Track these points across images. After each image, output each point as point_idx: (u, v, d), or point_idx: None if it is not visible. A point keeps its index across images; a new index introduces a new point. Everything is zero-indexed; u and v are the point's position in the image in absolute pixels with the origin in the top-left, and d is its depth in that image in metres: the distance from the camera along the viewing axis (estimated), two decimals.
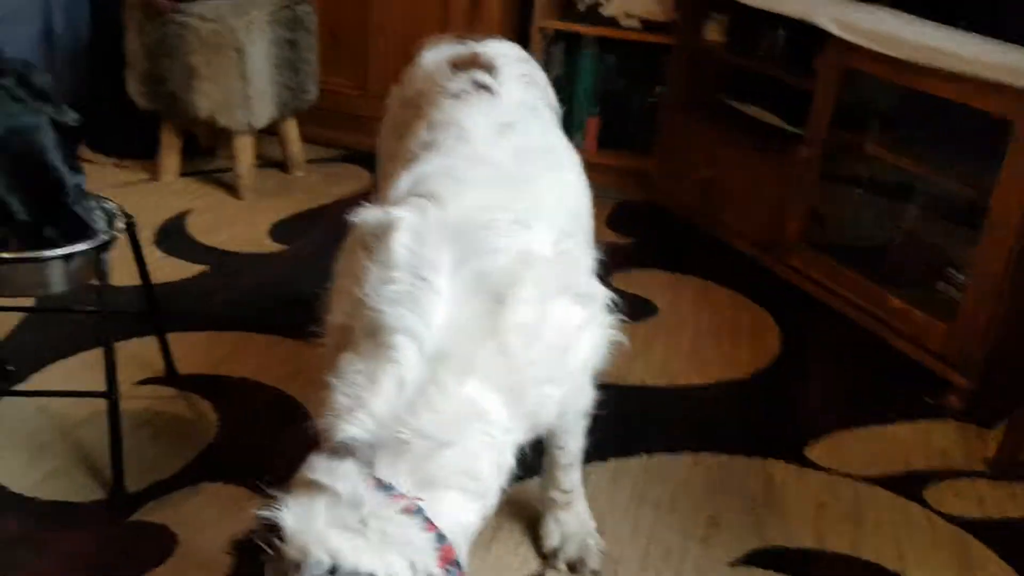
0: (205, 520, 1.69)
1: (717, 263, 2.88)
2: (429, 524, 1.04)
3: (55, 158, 1.54)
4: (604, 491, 1.86)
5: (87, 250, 1.61)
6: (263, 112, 2.93)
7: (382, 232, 1.23)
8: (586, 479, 1.74)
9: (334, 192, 3.19)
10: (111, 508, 1.69)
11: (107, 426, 1.72)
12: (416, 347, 1.12)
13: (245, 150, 2.99)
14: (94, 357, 2.11)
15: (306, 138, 3.31)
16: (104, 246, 1.64)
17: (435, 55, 1.66)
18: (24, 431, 1.85)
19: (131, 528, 1.65)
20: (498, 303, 1.16)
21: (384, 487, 1.03)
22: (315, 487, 1.04)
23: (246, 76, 2.81)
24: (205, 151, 3.31)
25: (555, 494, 1.66)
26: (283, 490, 1.13)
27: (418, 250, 1.20)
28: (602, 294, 1.33)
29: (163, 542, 1.63)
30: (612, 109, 3.36)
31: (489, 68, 1.58)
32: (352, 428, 1.07)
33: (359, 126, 3.49)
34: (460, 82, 1.53)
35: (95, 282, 1.67)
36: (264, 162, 3.20)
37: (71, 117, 1.58)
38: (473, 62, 1.60)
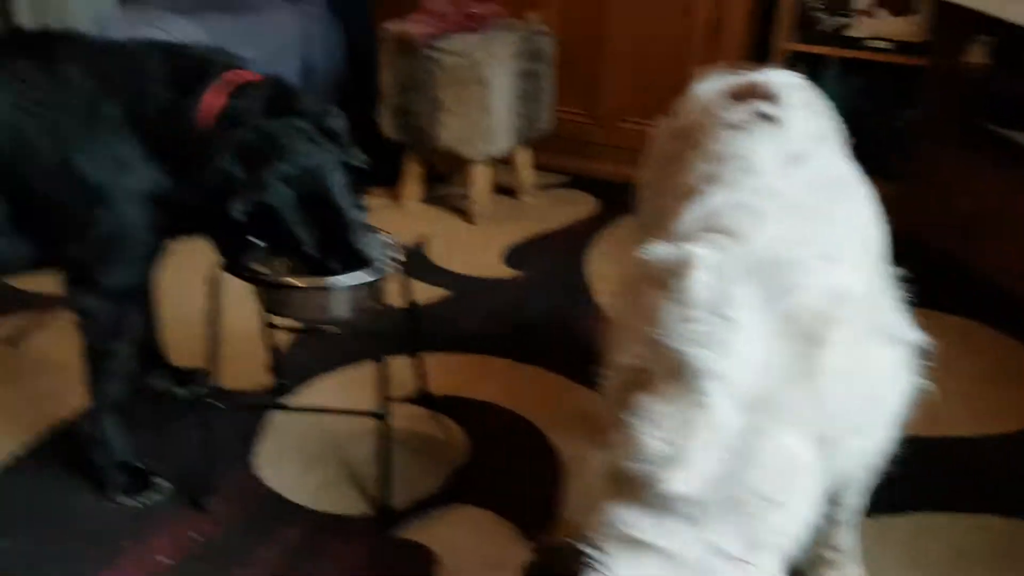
0: (463, 544, 1.73)
1: (980, 301, 2.63)
2: None
3: (342, 197, 1.62)
4: (870, 551, 1.71)
5: (369, 280, 1.70)
6: (501, 142, 3.01)
7: (678, 269, 1.19)
8: None
9: (563, 217, 3.22)
10: (379, 523, 1.77)
11: (376, 444, 1.80)
12: (727, 392, 1.06)
13: (481, 178, 3.08)
14: (358, 374, 2.23)
15: (535, 164, 3.37)
16: (383, 277, 1.73)
17: (710, 85, 1.62)
18: (298, 442, 1.98)
19: (397, 545, 1.72)
20: (811, 345, 1.09)
21: (719, 551, 0.98)
22: (640, 545, 1.00)
23: (488, 108, 2.90)
24: (440, 177, 3.44)
25: (826, 552, 1.54)
26: (566, 535, 1.12)
27: (719, 288, 1.15)
28: (913, 336, 1.22)
29: (426, 563, 1.68)
30: (857, 133, 3.15)
31: (771, 97, 1.51)
32: (676, 481, 1.02)
33: (588, 152, 3.52)
34: (741, 112, 1.48)
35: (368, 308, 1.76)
36: (495, 188, 3.28)
37: (359, 159, 1.68)
38: (752, 92, 1.54)
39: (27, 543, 1.68)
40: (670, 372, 1.11)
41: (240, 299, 1.76)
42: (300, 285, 1.68)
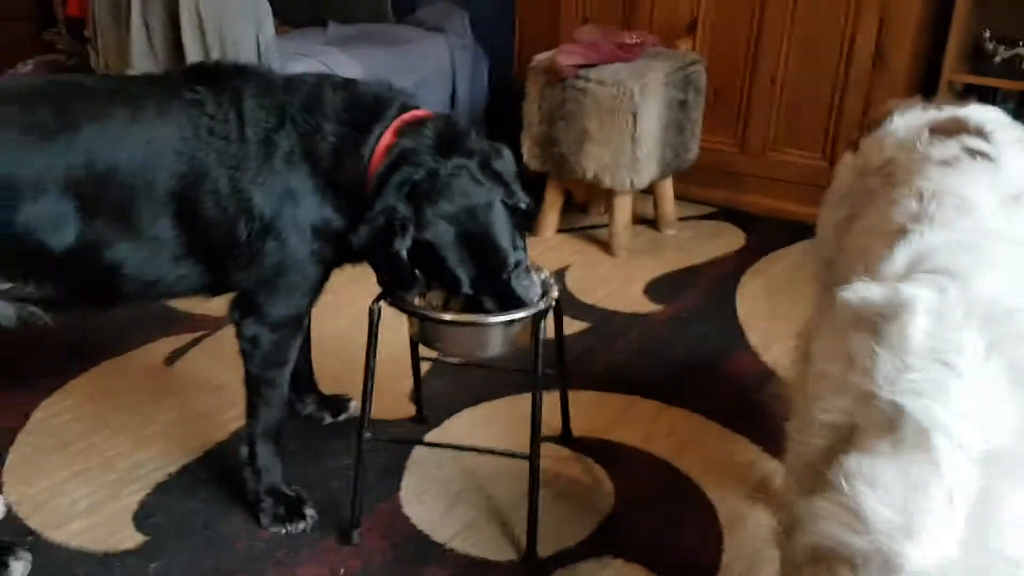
0: None
1: None
2: None
3: (502, 237, 1.59)
4: None
5: (525, 318, 1.65)
6: (647, 173, 2.92)
7: (892, 312, 1.09)
8: None
9: (707, 251, 3.09)
10: (523, 572, 1.69)
11: (523, 487, 1.73)
12: (959, 448, 0.95)
13: (623, 209, 3.00)
14: (501, 408, 2.18)
15: (678, 195, 3.26)
16: (539, 315, 1.67)
17: (908, 120, 1.48)
18: (441, 478, 1.94)
19: None
20: None
21: None
22: None
23: (636, 138, 2.82)
24: (578, 207, 3.38)
25: None
26: None
27: (940, 333, 1.04)
28: None
29: None
30: None
31: (979, 133, 1.37)
32: (914, 553, 0.90)
33: (734, 183, 3.38)
34: (949, 148, 1.35)
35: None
36: (635, 219, 3.19)
37: (521, 200, 1.64)
38: (957, 127, 1.40)
39: (178, 565, 1.70)
40: (886, 428, 1.00)
41: (385, 326, 1.74)
42: (456, 320, 1.64)
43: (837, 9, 3.05)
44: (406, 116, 1.63)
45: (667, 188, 3.17)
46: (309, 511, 1.79)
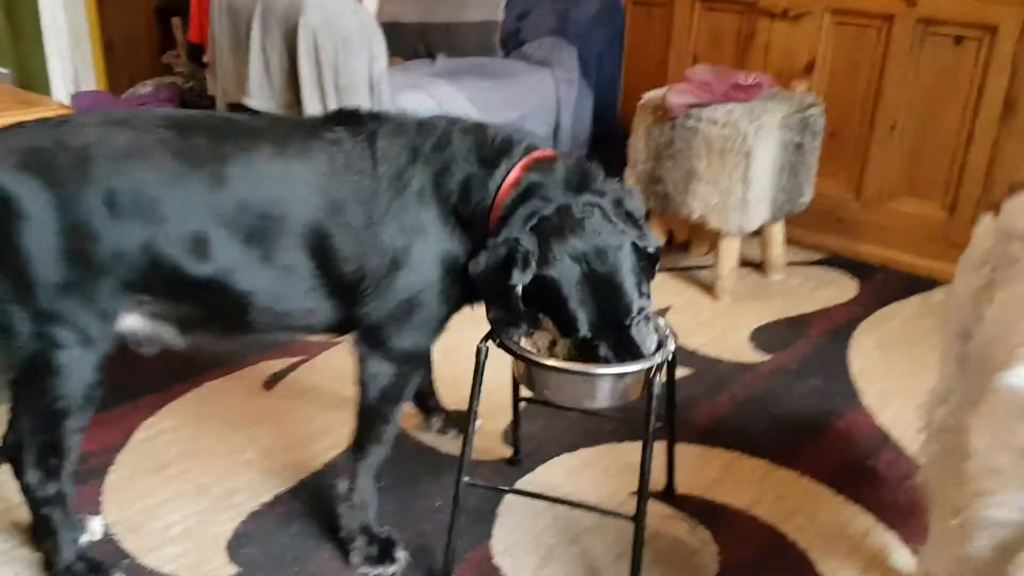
0: None
1: None
2: None
3: (628, 281, 1.53)
4: None
5: (639, 371, 1.57)
6: (758, 216, 2.81)
7: None
8: None
9: (817, 299, 2.95)
10: None
11: (626, 547, 1.64)
12: None
13: (730, 252, 2.89)
14: (596, 456, 2.10)
15: (788, 239, 3.13)
16: (655, 368, 1.59)
17: None
18: (534, 529, 1.86)
19: None
20: None
21: None
22: None
23: (748, 180, 2.72)
24: (680, 247, 3.29)
25: None
26: None
27: None
28: None
29: None
30: None
31: None
32: None
33: (847, 231, 3.23)
34: None
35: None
36: (740, 261, 3.07)
37: (652, 244, 1.58)
38: None
39: None
40: None
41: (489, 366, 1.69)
42: (567, 369, 1.57)
43: (966, 56, 2.90)
44: (536, 154, 1.60)
45: (778, 232, 3.05)
46: (400, 554, 1.74)
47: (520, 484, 1.99)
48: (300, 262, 1.57)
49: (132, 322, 1.59)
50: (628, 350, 1.54)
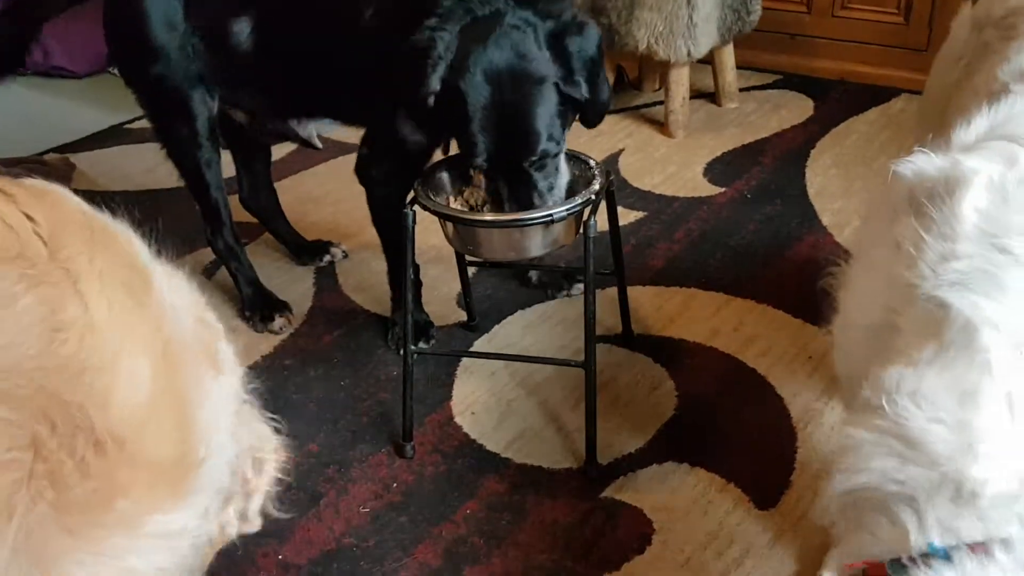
0: (678, 509, 1.55)
1: None
2: None
3: (537, 119, 1.44)
4: None
5: (567, 213, 1.50)
6: (705, 40, 2.66)
7: (946, 190, 0.92)
8: None
9: (772, 124, 2.85)
10: (584, 480, 1.61)
11: (579, 394, 1.63)
12: (1014, 349, 0.82)
13: (680, 83, 2.76)
14: (551, 309, 2.07)
15: (739, 63, 2.99)
16: (584, 208, 1.52)
17: None
18: (493, 386, 1.85)
19: (605, 505, 1.56)
20: None
21: None
22: None
23: (693, 1, 2.56)
24: (632, 85, 3.15)
25: None
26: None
27: (998, 214, 0.88)
28: None
29: (640, 528, 1.51)
30: None
31: None
32: (1000, 475, 0.78)
33: (800, 47, 3.10)
34: None
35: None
36: (692, 93, 2.95)
37: (580, 92, 1.48)
38: None
39: None
40: (928, 328, 0.87)
41: (428, 229, 1.62)
42: (485, 221, 1.50)
43: None
44: None
45: (727, 56, 2.91)
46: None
47: (477, 344, 1.97)
48: None
49: None
50: (523, 192, 1.47)
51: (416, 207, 1.58)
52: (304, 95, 1.83)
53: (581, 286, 2.00)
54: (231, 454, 0.81)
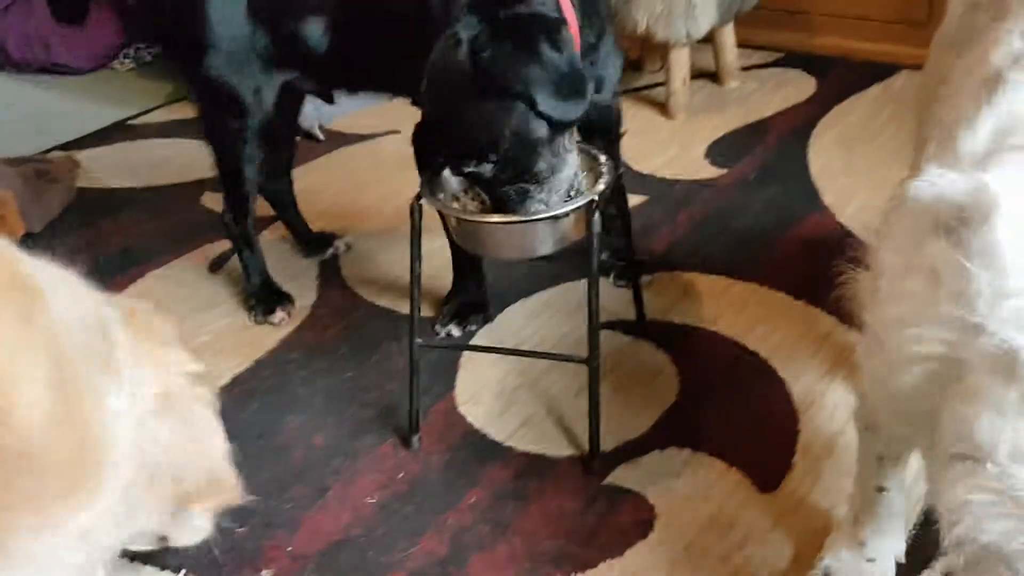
0: (680, 494, 1.56)
1: None
2: None
3: (547, 101, 1.43)
4: None
5: (576, 209, 1.51)
6: (705, 19, 2.65)
7: (979, 215, 0.89)
8: None
9: (774, 103, 2.84)
10: (586, 468, 1.63)
11: (582, 384, 1.64)
12: None
13: (680, 64, 2.75)
14: (554, 297, 2.08)
15: (740, 41, 2.97)
16: (593, 203, 1.52)
17: None
18: (495, 375, 1.86)
19: (608, 491, 1.58)
20: None
21: None
22: None
23: None
24: (632, 66, 3.13)
25: None
26: None
27: None
28: None
29: (641, 514, 1.53)
30: None
31: None
32: None
33: (801, 24, 3.07)
34: None
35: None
36: (693, 73, 2.93)
37: (572, 113, 1.48)
38: None
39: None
40: (1002, 368, 0.83)
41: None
42: (491, 221, 1.51)
43: None
44: None
45: (728, 36, 2.89)
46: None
47: (480, 334, 1.98)
48: None
49: None
50: (519, 196, 1.50)
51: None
52: (368, 71, 1.85)
53: (647, 276, 2.03)
54: (149, 458, 0.85)
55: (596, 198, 1.54)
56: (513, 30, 1.43)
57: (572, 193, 1.57)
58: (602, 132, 1.83)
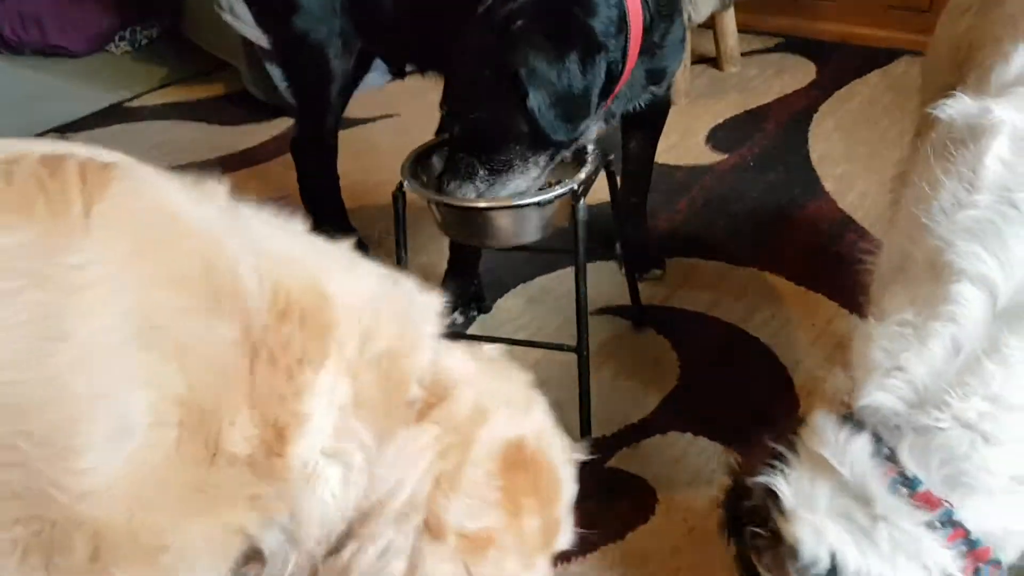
0: (680, 477, 1.56)
1: None
2: (956, 531, 0.85)
3: (541, 103, 1.40)
4: None
5: (558, 196, 1.50)
6: (706, 4, 2.63)
7: (972, 135, 0.94)
8: None
9: (774, 88, 2.83)
10: (586, 452, 1.61)
11: (576, 377, 1.63)
12: (985, 301, 0.86)
13: None
14: (551, 282, 2.06)
15: (740, 27, 2.95)
16: (579, 190, 1.51)
17: None
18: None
19: (609, 476, 1.57)
20: None
21: (905, 482, 0.86)
22: (820, 463, 0.91)
23: None
24: None
25: None
26: (779, 447, 1.02)
27: (1019, 166, 0.89)
28: None
29: (642, 497, 1.53)
30: None
31: None
32: (880, 396, 0.88)
33: (802, 9, 3.06)
34: None
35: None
36: (694, 58, 2.91)
37: (568, 136, 1.48)
38: None
39: None
40: (928, 265, 0.92)
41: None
42: (480, 206, 1.49)
43: None
44: None
45: (729, 20, 2.87)
46: None
47: (477, 320, 1.97)
48: None
49: None
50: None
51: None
52: (435, 47, 1.84)
53: (657, 271, 2.02)
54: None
55: (576, 187, 1.51)
56: (555, 24, 1.41)
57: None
58: (649, 124, 1.81)
